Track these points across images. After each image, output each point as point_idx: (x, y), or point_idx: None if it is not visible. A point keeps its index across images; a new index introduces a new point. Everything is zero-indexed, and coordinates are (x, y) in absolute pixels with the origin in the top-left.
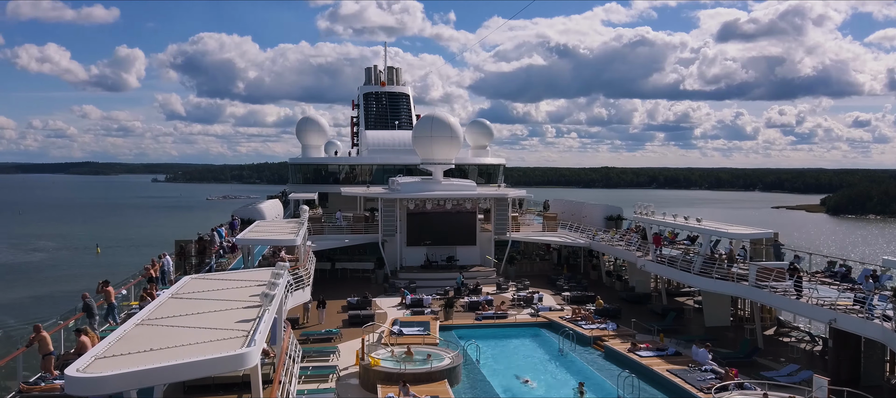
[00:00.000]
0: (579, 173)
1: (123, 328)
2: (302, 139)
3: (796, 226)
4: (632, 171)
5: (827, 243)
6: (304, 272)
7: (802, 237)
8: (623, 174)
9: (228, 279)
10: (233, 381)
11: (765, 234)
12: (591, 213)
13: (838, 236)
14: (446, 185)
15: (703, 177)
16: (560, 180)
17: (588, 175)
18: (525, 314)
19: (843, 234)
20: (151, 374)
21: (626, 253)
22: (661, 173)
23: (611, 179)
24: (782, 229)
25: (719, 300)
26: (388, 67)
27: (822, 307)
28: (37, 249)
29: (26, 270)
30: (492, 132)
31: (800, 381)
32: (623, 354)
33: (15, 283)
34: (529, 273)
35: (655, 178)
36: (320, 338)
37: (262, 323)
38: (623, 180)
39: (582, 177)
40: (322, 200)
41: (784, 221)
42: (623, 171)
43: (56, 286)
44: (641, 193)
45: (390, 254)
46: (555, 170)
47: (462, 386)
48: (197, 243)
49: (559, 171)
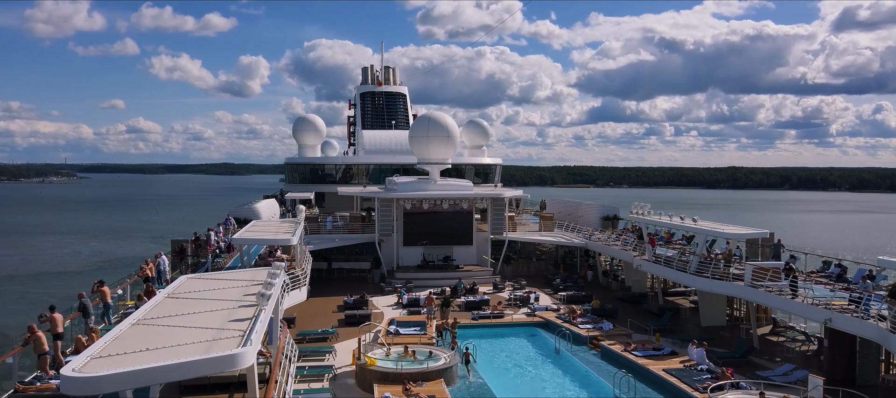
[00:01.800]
0: (703, 173)
1: (119, 328)
2: (298, 139)
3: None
4: (761, 171)
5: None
6: (301, 272)
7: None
8: (751, 174)
9: (225, 279)
10: (229, 381)
11: (760, 234)
12: (588, 213)
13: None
14: (443, 184)
15: (842, 177)
16: (682, 181)
17: (713, 175)
18: (521, 314)
19: None
20: (147, 374)
21: (623, 253)
22: (795, 173)
23: (738, 180)
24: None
25: (715, 300)
26: (384, 67)
27: (817, 307)
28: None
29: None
30: (488, 132)
31: (795, 381)
32: (619, 354)
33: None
34: (526, 273)
35: (788, 179)
36: (316, 338)
37: (258, 322)
38: (751, 181)
39: (706, 177)
40: (319, 200)
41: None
42: (751, 171)
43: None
44: (772, 194)
45: (387, 253)
46: (676, 169)
47: (458, 385)
48: (193, 243)
49: (682, 170)
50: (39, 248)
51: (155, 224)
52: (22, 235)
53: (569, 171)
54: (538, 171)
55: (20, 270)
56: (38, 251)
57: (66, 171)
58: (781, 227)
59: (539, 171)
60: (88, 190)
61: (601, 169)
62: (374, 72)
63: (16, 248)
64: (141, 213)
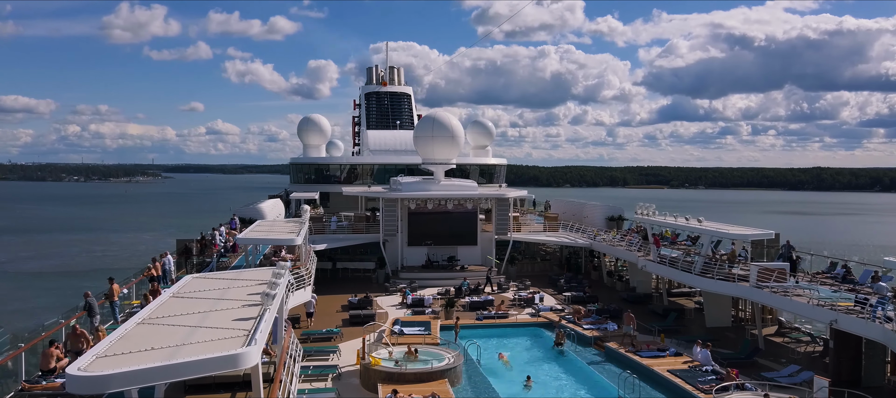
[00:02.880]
0: (786, 174)
1: (125, 327)
2: (303, 139)
3: None
4: (849, 172)
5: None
6: (306, 271)
7: None
8: (838, 175)
9: (230, 278)
10: (234, 380)
11: (766, 235)
12: (593, 214)
13: None
14: (447, 184)
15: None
16: (763, 182)
17: (796, 176)
18: (526, 314)
19: None
20: (152, 373)
21: (627, 253)
22: (887, 175)
23: (824, 181)
24: None
25: (720, 301)
26: (389, 67)
27: (822, 308)
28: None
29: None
30: (492, 132)
31: (800, 382)
32: (623, 354)
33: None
34: (530, 273)
35: (879, 180)
36: (321, 338)
37: (262, 322)
38: (838, 182)
39: (789, 178)
40: (324, 200)
41: None
42: (838, 172)
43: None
44: (861, 197)
45: (391, 253)
46: (756, 170)
47: (462, 385)
48: (198, 242)
49: (762, 171)
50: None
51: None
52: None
53: (641, 171)
54: (609, 171)
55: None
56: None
57: (152, 171)
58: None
59: (610, 171)
60: (169, 188)
61: (676, 169)
62: (378, 72)
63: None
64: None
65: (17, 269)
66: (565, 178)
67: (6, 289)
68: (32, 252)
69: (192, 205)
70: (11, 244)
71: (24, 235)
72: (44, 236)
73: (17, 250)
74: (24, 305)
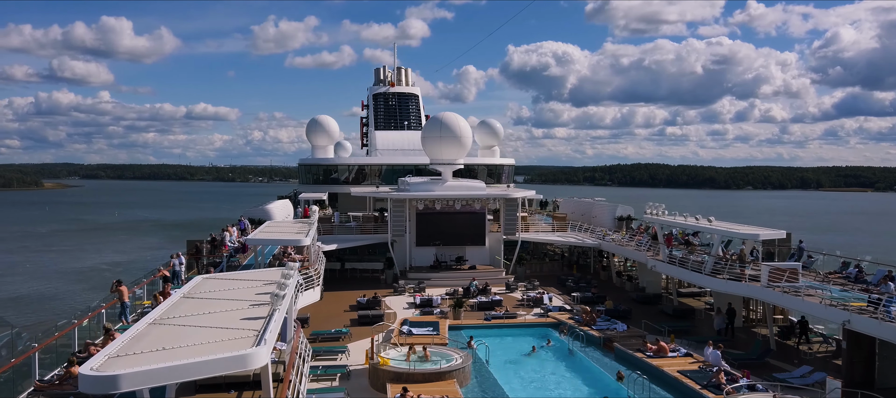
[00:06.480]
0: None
1: (136, 327)
2: (311, 140)
3: None
4: None
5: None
6: (314, 272)
7: None
8: None
9: (239, 279)
10: (244, 380)
11: (776, 235)
12: (601, 214)
13: None
14: (455, 185)
15: None
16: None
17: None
18: (534, 314)
19: None
20: (163, 373)
21: (637, 253)
22: None
23: None
24: None
25: (731, 301)
26: (397, 68)
27: (835, 308)
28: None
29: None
30: (500, 132)
31: (813, 383)
32: (633, 355)
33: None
34: (539, 273)
35: None
36: (330, 338)
37: (272, 322)
38: None
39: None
40: (332, 200)
41: None
42: None
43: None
44: None
45: (400, 254)
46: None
47: (471, 386)
48: (209, 243)
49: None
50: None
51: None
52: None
53: (838, 172)
54: (799, 172)
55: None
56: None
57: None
58: None
59: (801, 172)
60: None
61: (881, 170)
62: (386, 72)
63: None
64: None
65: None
66: (746, 180)
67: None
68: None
69: None
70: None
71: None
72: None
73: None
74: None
